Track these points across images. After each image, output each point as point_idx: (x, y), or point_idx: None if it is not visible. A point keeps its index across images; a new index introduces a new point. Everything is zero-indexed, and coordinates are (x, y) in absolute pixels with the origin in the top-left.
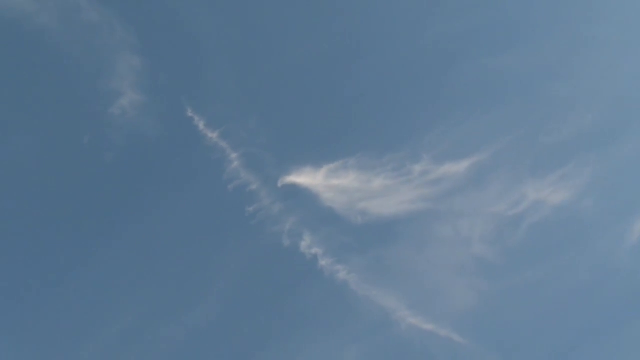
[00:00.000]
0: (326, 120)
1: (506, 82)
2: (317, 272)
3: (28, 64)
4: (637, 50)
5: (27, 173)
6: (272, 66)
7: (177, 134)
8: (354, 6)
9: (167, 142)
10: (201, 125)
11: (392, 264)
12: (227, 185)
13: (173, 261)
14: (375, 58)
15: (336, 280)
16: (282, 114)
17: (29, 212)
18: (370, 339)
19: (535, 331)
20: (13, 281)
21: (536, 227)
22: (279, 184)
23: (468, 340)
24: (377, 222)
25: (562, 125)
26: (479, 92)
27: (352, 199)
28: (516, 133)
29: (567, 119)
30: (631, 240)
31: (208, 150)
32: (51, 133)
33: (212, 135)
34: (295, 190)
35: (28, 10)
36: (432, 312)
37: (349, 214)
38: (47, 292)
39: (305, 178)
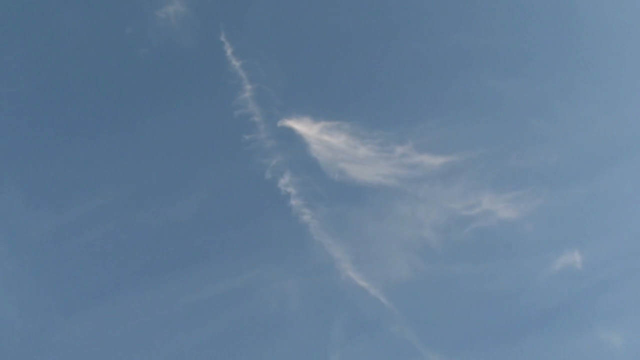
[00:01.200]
0: (338, 84)
1: (501, 103)
2: (286, 208)
3: None
4: (621, 105)
5: (68, 47)
6: (308, 22)
7: (206, 52)
8: None
9: (195, 56)
10: (229, 51)
11: (351, 222)
12: (233, 111)
13: (167, 157)
14: (399, 47)
15: (299, 220)
16: (302, 66)
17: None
18: (311, 278)
19: (450, 318)
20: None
21: (479, 231)
22: (278, 124)
23: (391, 306)
24: (351, 183)
25: (533, 154)
26: (474, 104)
27: (336, 157)
28: (492, 148)
29: (538, 151)
30: (553, 269)
31: (228, 76)
32: (100, 14)
33: (236, 63)
34: (291, 134)
35: None
36: (370, 273)
37: (329, 169)
38: (55, 167)
39: (302, 126)
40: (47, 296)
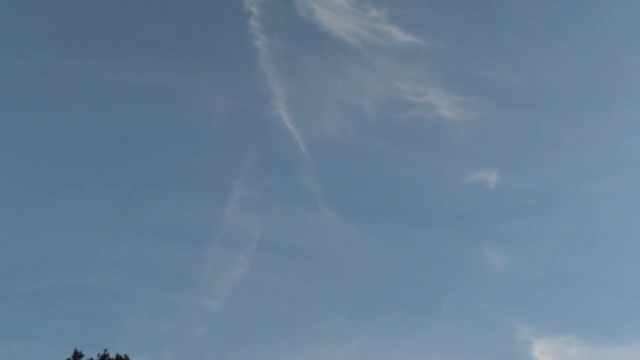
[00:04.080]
0: None
1: (497, 12)
2: (243, 26)
3: None
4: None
5: None
6: None
7: None
8: None
9: None
10: None
11: (301, 65)
12: None
13: None
14: None
15: (252, 43)
16: None
17: None
18: (242, 102)
19: (357, 187)
20: None
21: (416, 120)
22: None
23: (308, 157)
24: (315, 27)
25: (497, 70)
26: None
27: None
28: (462, 47)
29: (503, 68)
30: (468, 179)
31: None
32: None
33: None
34: None
35: None
36: (300, 119)
37: (299, 4)
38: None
39: None
40: None
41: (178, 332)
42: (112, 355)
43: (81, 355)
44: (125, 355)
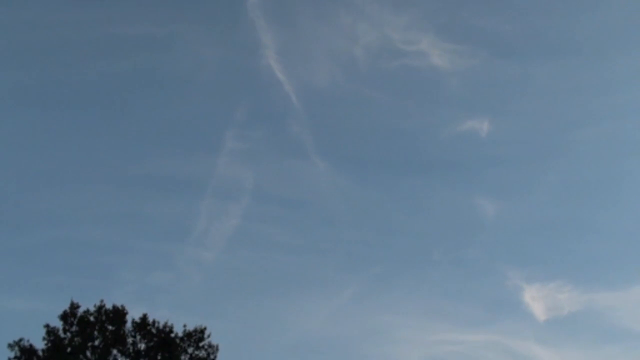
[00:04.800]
0: None
1: None
2: None
3: None
4: None
5: None
6: None
7: None
8: None
9: None
10: None
11: (290, 12)
12: None
13: None
14: None
15: None
16: None
17: None
18: (232, 51)
19: (350, 137)
20: None
21: (407, 68)
22: None
23: (300, 107)
24: None
25: (493, 18)
26: None
27: None
28: None
29: (498, 17)
30: (459, 128)
31: None
32: None
33: None
34: None
35: None
36: (291, 69)
37: None
38: None
39: None
40: None
41: (173, 283)
42: (109, 306)
43: (78, 307)
44: (122, 306)
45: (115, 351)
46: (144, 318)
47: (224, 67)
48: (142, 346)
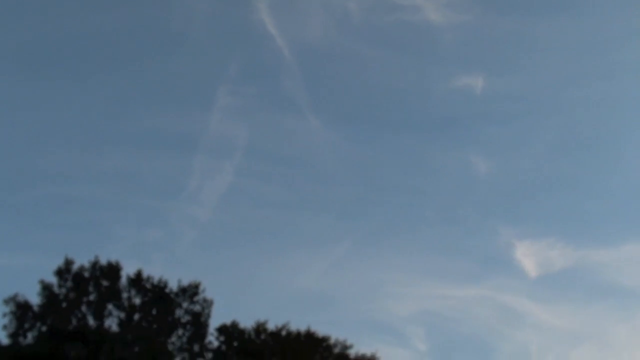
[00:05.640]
0: None
1: None
2: None
3: None
4: None
5: None
6: None
7: None
8: None
9: None
10: None
11: None
12: None
13: None
14: None
15: None
16: None
17: None
18: (223, 4)
19: (344, 94)
20: None
21: (403, 23)
22: None
23: (293, 61)
24: None
25: None
26: None
27: None
28: None
29: None
30: (454, 84)
31: None
32: None
33: None
34: None
35: None
36: (284, 23)
37: None
38: None
39: None
40: None
41: (167, 239)
42: (103, 262)
43: (72, 263)
44: (117, 262)
45: (110, 306)
46: (139, 274)
47: (215, 21)
48: (137, 301)
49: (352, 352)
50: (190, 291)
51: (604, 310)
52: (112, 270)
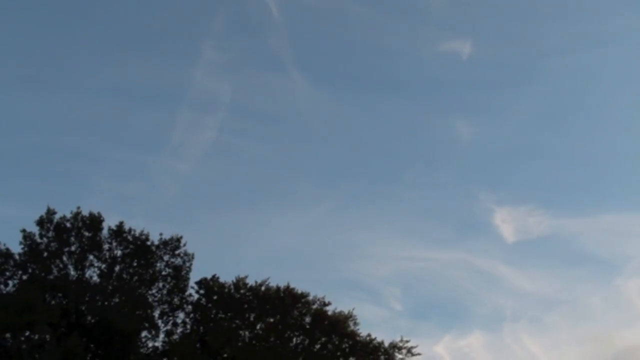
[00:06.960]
0: None
1: None
2: None
3: None
4: None
5: None
6: None
7: None
8: None
9: None
10: None
11: None
12: None
13: None
14: None
15: None
16: None
17: None
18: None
19: (332, 50)
20: None
21: None
22: None
23: (279, 16)
24: None
25: None
26: None
27: None
28: None
29: None
30: (440, 48)
31: None
32: None
33: None
34: None
35: None
36: None
37: None
38: None
39: None
40: None
41: (148, 192)
42: (85, 213)
43: (54, 213)
44: (98, 213)
45: (91, 257)
46: (120, 226)
47: None
48: (119, 253)
49: (329, 309)
50: (172, 244)
51: (578, 277)
52: (94, 222)
